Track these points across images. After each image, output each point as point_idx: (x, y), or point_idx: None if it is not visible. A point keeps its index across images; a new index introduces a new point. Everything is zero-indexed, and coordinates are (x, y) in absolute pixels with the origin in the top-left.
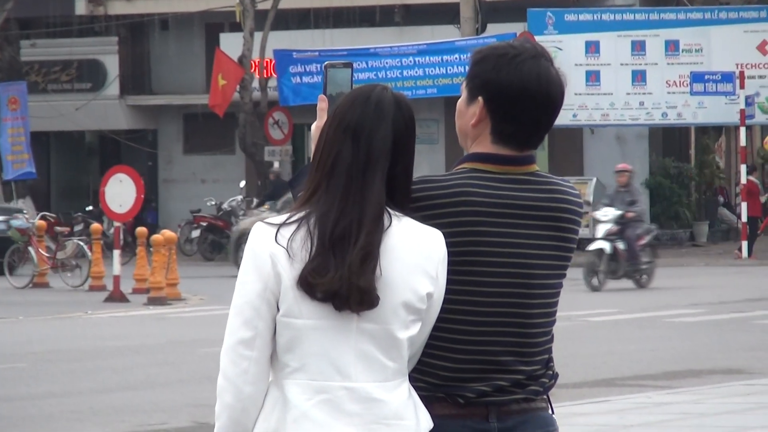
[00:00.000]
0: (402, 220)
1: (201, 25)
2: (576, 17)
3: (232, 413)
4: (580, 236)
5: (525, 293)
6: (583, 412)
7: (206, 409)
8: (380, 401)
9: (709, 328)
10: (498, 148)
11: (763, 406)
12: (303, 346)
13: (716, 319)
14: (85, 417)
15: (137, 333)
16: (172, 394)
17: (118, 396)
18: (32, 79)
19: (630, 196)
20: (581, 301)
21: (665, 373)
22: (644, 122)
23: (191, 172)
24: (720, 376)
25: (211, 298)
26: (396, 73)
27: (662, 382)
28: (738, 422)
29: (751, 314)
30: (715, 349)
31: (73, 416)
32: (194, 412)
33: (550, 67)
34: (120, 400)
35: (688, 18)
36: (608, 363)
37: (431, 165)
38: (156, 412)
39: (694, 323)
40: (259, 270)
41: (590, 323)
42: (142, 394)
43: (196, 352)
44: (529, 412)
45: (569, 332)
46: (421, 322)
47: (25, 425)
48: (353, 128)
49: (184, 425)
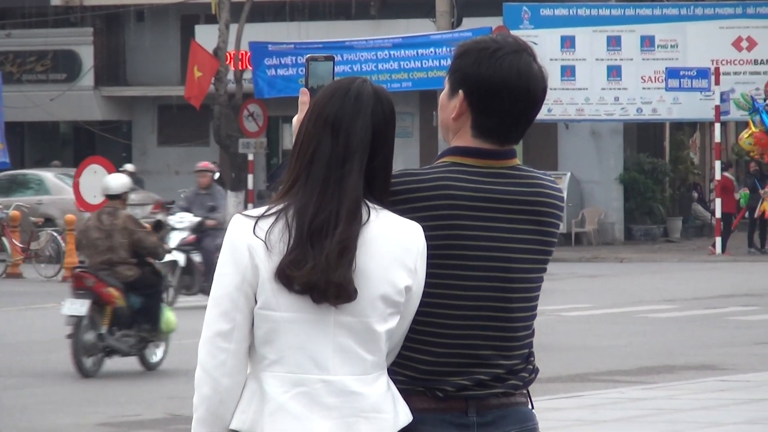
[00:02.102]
0: (381, 213)
1: (176, 16)
2: (552, 12)
3: (210, 405)
4: None
5: (505, 287)
6: (557, 407)
7: (180, 401)
8: (358, 394)
9: (683, 324)
10: (478, 142)
11: (737, 402)
12: (281, 338)
13: (690, 315)
14: (59, 408)
15: None
16: (146, 386)
17: (92, 387)
18: (7, 69)
19: (211, 200)
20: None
21: (639, 368)
22: (619, 117)
23: (165, 163)
24: (694, 372)
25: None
26: (371, 67)
27: (636, 378)
28: (712, 418)
29: (724, 310)
30: (689, 345)
31: (47, 407)
32: (168, 404)
33: (532, 63)
34: (94, 391)
35: (664, 14)
36: (582, 358)
37: (406, 158)
38: (130, 403)
39: (667, 319)
40: (237, 262)
41: (564, 318)
42: (116, 385)
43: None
44: (509, 406)
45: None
46: (399, 315)
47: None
48: (332, 121)
49: (158, 417)
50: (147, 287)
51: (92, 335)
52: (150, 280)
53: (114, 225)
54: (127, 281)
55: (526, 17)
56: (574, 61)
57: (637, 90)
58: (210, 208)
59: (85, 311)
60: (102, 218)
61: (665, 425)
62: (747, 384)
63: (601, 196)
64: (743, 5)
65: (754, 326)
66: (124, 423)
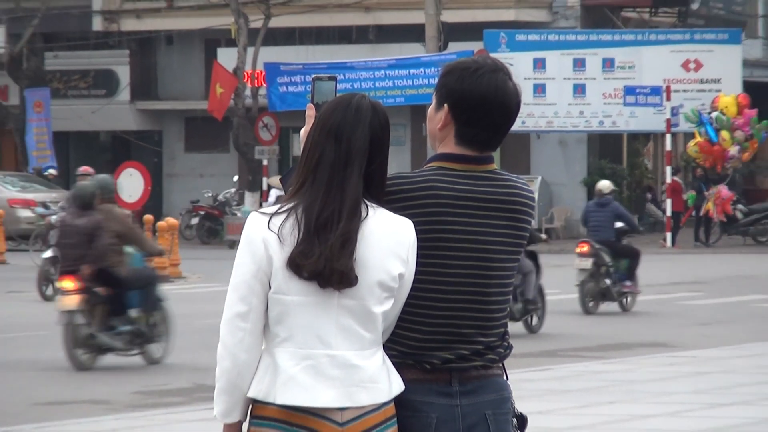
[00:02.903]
0: (377, 210)
1: (201, 40)
2: (525, 37)
3: (230, 377)
4: None
5: (484, 275)
6: (529, 378)
7: (204, 373)
8: (358, 367)
9: (638, 307)
10: (461, 149)
11: (685, 375)
12: (291, 319)
13: (644, 300)
14: (98, 378)
15: None
16: (174, 360)
17: (126, 361)
18: (54, 85)
19: None
20: None
21: (600, 345)
22: (583, 129)
23: (191, 167)
24: (647, 349)
25: (207, 277)
26: (369, 84)
27: (597, 354)
28: (663, 388)
29: (674, 295)
30: (643, 326)
31: (87, 377)
32: (193, 375)
33: (508, 81)
34: (128, 363)
35: (622, 39)
36: (551, 337)
37: (399, 164)
38: (159, 375)
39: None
40: (254, 253)
41: None
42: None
43: (195, 324)
44: (487, 378)
45: None
46: (393, 298)
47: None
48: (335, 130)
49: (184, 386)
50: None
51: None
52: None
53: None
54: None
55: (503, 42)
56: (544, 80)
57: (599, 105)
58: None
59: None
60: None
61: (622, 394)
62: (693, 359)
63: (568, 197)
64: (691, 32)
65: (699, 310)
66: (155, 392)
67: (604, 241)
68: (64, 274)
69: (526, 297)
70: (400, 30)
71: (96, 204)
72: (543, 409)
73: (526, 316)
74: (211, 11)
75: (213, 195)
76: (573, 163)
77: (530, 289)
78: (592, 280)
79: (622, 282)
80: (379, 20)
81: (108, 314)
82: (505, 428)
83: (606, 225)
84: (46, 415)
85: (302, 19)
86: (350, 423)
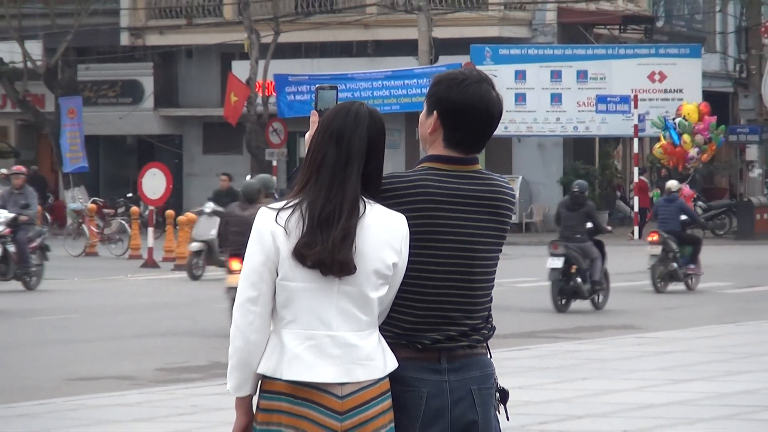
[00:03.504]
0: (374, 206)
1: (217, 54)
2: (508, 51)
3: (242, 355)
4: None
5: (470, 264)
6: (511, 357)
7: (219, 351)
8: (356, 346)
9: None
10: (449, 151)
11: (650, 354)
12: (296, 303)
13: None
14: (123, 357)
15: (165, 292)
16: (192, 340)
17: (150, 341)
18: (86, 94)
19: (24, 199)
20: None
21: (574, 327)
22: (560, 134)
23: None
24: (617, 331)
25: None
26: (368, 93)
27: (572, 335)
28: (631, 366)
29: (640, 283)
30: (613, 309)
31: (115, 356)
32: (210, 353)
33: (491, 90)
34: (151, 343)
35: (595, 53)
36: (530, 319)
37: (394, 164)
38: (179, 353)
39: None
40: (263, 244)
41: (516, 288)
42: (169, 339)
43: (212, 307)
44: (472, 356)
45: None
46: (388, 285)
47: (77, 362)
48: (336, 134)
49: (202, 363)
50: None
51: None
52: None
53: None
54: None
55: (488, 55)
56: (525, 90)
57: (574, 112)
58: (23, 206)
59: None
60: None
61: (595, 371)
62: (658, 340)
63: (546, 194)
64: (656, 47)
65: (663, 295)
66: (176, 368)
67: (671, 231)
68: (233, 257)
69: (594, 279)
70: (395, 45)
71: (260, 198)
72: (523, 385)
73: (593, 295)
74: (226, 28)
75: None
76: (550, 164)
77: (597, 272)
78: (662, 264)
79: (686, 265)
80: (376, 36)
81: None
82: (488, 401)
83: (673, 218)
84: (77, 389)
85: (308, 35)
86: (349, 396)
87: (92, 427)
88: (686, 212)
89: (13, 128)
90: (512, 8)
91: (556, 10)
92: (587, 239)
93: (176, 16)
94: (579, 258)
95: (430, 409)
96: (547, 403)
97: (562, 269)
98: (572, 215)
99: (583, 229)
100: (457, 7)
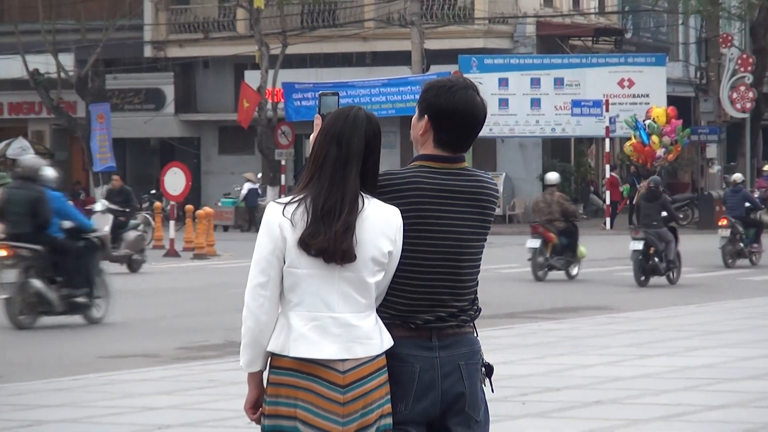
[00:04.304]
0: (371, 200)
1: (231, 64)
2: (492, 61)
3: (253, 334)
4: None
5: (457, 252)
6: (495, 335)
7: (234, 332)
8: (355, 326)
9: (583, 277)
10: (438, 150)
11: (621, 332)
12: (301, 287)
13: (587, 272)
14: (146, 336)
15: (186, 278)
16: (209, 321)
17: (171, 321)
18: (114, 101)
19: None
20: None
21: (552, 308)
22: (539, 135)
23: (224, 167)
24: (590, 311)
25: (237, 255)
26: (366, 99)
27: (550, 315)
28: (602, 342)
29: (612, 269)
30: (587, 292)
31: (141, 336)
32: (226, 333)
33: (476, 96)
34: (173, 324)
35: (570, 62)
36: (512, 301)
37: (390, 163)
38: (198, 333)
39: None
40: (271, 234)
41: (500, 274)
42: (188, 320)
43: (227, 292)
44: (460, 335)
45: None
46: (384, 271)
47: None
48: (337, 136)
49: (219, 342)
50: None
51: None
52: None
53: None
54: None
55: (474, 65)
56: (507, 96)
57: (552, 115)
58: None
59: None
60: None
61: (570, 348)
62: (627, 319)
63: (527, 189)
64: (625, 56)
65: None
66: (195, 347)
67: (738, 217)
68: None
69: (669, 258)
70: (391, 56)
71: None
72: (506, 360)
73: (668, 272)
74: (239, 41)
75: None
76: (530, 162)
77: (671, 253)
78: (730, 245)
79: (751, 245)
80: (374, 48)
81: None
82: (475, 375)
83: (739, 205)
84: (108, 366)
85: (312, 47)
86: (349, 371)
87: (121, 399)
88: (750, 200)
89: (49, 132)
90: (496, 22)
91: (535, 24)
92: (662, 225)
93: (194, 30)
94: (656, 241)
95: (423, 382)
96: (527, 377)
97: (642, 251)
98: (649, 206)
99: (659, 218)
100: (446, 22)
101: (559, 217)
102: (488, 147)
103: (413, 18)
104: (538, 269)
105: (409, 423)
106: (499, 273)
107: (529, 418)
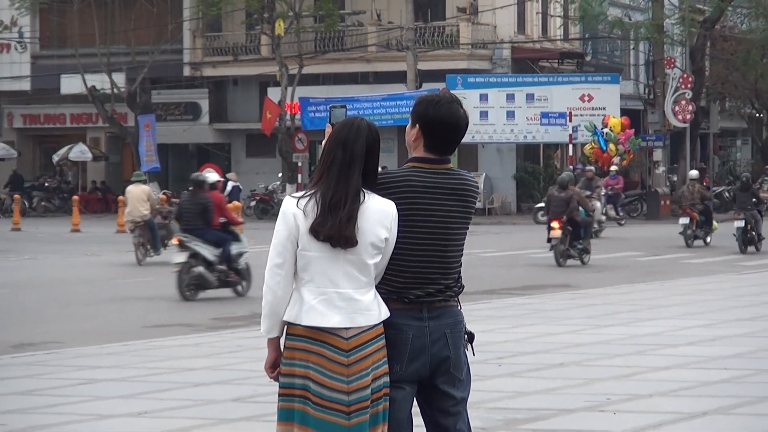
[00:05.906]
0: (371, 195)
1: (257, 82)
2: (475, 80)
3: (271, 306)
4: None
5: (444, 238)
6: (476, 309)
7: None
8: (357, 300)
9: (550, 260)
10: (428, 154)
11: (582, 306)
12: (312, 267)
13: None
14: (187, 309)
15: None
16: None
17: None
18: (158, 113)
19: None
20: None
21: (524, 286)
22: (513, 141)
23: (250, 168)
24: (557, 288)
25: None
26: (369, 111)
27: (522, 291)
28: (566, 315)
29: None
30: (555, 273)
31: (180, 309)
32: (251, 306)
33: (460, 108)
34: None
35: (539, 80)
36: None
37: (389, 164)
38: (228, 306)
39: (542, 257)
40: (287, 223)
41: (481, 257)
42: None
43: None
44: (447, 308)
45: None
46: (381, 254)
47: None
48: (342, 141)
49: (245, 314)
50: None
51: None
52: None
53: None
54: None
55: (459, 83)
56: (487, 108)
57: (524, 125)
58: None
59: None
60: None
61: (539, 319)
62: (586, 295)
63: (503, 187)
64: (585, 75)
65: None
66: (225, 318)
67: (746, 210)
68: (553, 219)
69: (758, 232)
70: (389, 75)
71: (571, 185)
72: (485, 329)
73: (759, 242)
74: (263, 62)
75: (265, 186)
76: (506, 164)
77: (760, 227)
78: (744, 234)
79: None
80: (375, 68)
81: (570, 240)
82: (459, 342)
83: (747, 201)
84: (152, 334)
85: (324, 68)
86: (352, 338)
87: (163, 362)
88: (755, 197)
89: (104, 138)
90: (477, 47)
91: (510, 48)
92: (754, 209)
93: (225, 53)
94: (752, 220)
95: (415, 347)
96: (503, 343)
97: (743, 228)
98: (744, 194)
99: (751, 203)
100: (436, 47)
101: (699, 202)
102: (470, 151)
103: (408, 43)
104: (688, 239)
105: (404, 381)
106: (480, 257)
107: (505, 378)
